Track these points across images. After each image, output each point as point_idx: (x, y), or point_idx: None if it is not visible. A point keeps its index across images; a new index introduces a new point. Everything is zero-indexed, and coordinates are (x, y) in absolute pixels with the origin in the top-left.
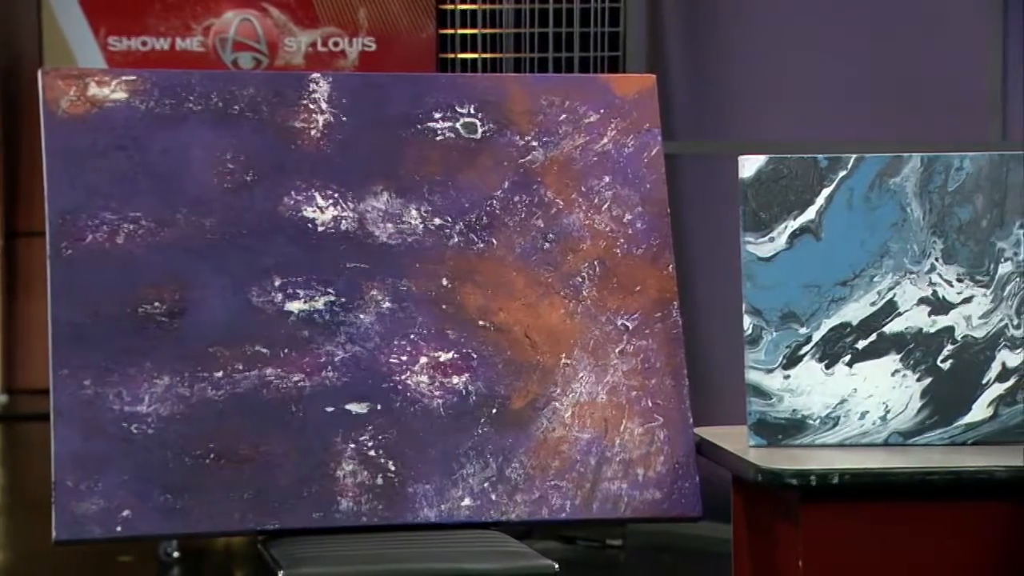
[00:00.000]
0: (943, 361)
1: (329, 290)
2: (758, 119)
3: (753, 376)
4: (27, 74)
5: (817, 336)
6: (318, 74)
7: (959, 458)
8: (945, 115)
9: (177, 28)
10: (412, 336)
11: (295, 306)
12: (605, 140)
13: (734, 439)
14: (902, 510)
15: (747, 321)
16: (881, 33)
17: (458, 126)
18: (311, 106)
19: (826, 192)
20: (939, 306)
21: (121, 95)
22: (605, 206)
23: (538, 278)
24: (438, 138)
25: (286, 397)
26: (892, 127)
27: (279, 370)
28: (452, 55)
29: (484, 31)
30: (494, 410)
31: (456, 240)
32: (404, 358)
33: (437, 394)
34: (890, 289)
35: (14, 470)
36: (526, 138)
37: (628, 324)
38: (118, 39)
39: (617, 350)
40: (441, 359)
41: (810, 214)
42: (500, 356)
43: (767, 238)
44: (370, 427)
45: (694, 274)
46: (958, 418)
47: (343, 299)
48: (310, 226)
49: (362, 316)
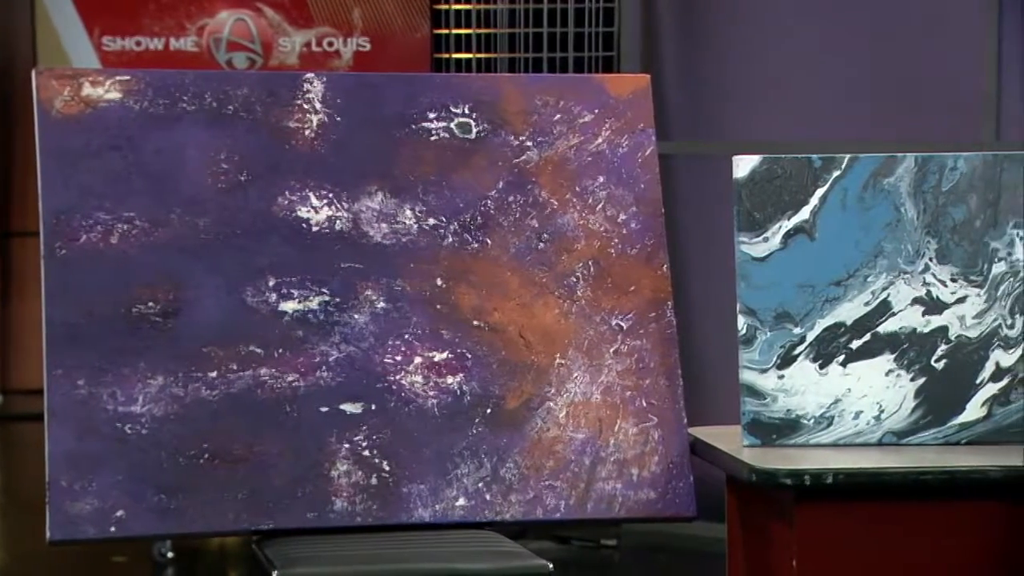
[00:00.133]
0: (937, 361)
1: (323, 290)
2: (752, 119)
3: (747, 376)
4: (21, 74)
5: (811, 336)
6: (312, 74)
7: (953, 458)
8: (939, 115)
9: (171, 28)
10: (406, 336)
11: (289, 306)
12: (599, 140)
13: (728, 439)
14: (896, 510)
15: (741, 321)
16: (875, 33)
17: (452, 126)
18: (305, 106)
19: (820, 192)
20: (933, 306)
21: (115, 95)
22: (599, 206)
23: (532, 278)
24: (432, 138)
25: (280, 397)
26: (886, 127)
27: (273, 370)
28: (446, 55)
29: (478, 31)
30: (488, 410)
31: (450, 240)
32: (399, 358)
33: (431, 394)
34: (884, 289)
35: (8, 470)
36: (520, 138)
37: (622, 324)
38: (112, 39)
39: (611, 350)
40: (435, 359)
41: (804, 214)
42: (494, 356)
43: (761, 238)
44: (364, 427)
45: (688, 274)
46: (952, 418)
47: (337, 299)
48: (304, 226)
49: (356, 316)
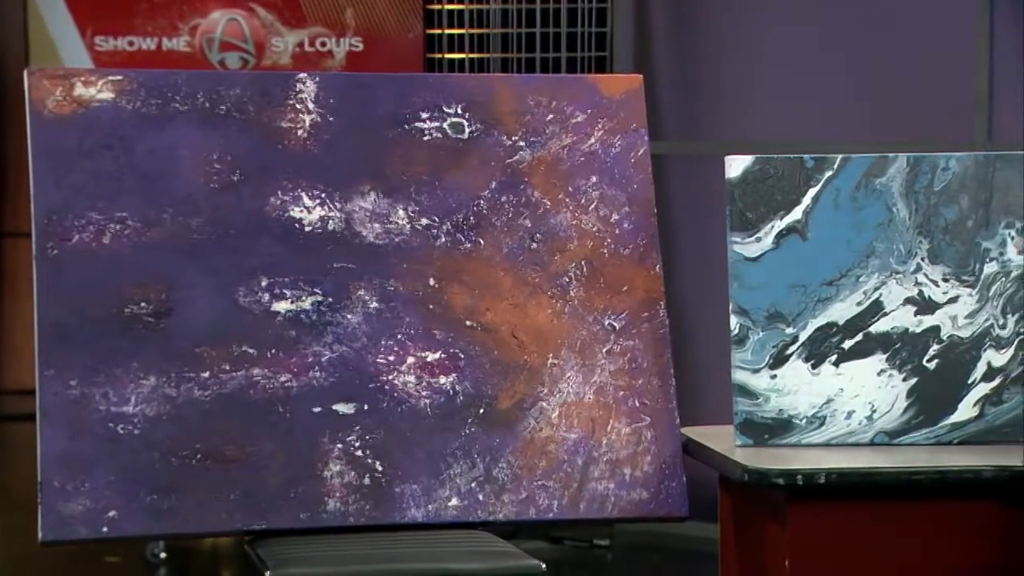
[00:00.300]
0: (929, 361)
1: (316, 290)
2: (745, 119)
3: (740, 376)
4: (13, 74)
5: (803, 336)
6: (305, 74)
7: (945, 457)
8: (932, 115)
9: (164, 28)
10: (399, 336)
11: (282, 306)
12: (592, 140)
13: (721, 439)
14: (888, 509)
15: (734, 321)
16: (867, 33)
17: (445, 126)
18: (298, 106)
19: (812, 192)
20: (925, 306)
21: (107, 95)
22: (592, 206)
23: (525, 278)
24: (425, 138)
25: (273, 397)
26: (878, 127)
27: (266, 370)
28: (439, 55)
29: (471, 31)
30: (481, 410)
31: (443, 240)
32: (391, 358)
33: (424, 394)
34: (876, 289)
35: (0, 471)
36: (513, 138)
37: (615, 324)
38: (104, 39)
39: (604, 350)
40: (428, 359)
41: (796, 214)
42: (487, 356)
43: (753, 238)
44: (357, 427)
45: (681, 274)
46: (944, 418)
47: (330, 299)
48: (297, 226)
49: (349, 316)
